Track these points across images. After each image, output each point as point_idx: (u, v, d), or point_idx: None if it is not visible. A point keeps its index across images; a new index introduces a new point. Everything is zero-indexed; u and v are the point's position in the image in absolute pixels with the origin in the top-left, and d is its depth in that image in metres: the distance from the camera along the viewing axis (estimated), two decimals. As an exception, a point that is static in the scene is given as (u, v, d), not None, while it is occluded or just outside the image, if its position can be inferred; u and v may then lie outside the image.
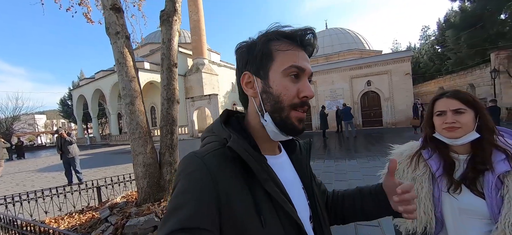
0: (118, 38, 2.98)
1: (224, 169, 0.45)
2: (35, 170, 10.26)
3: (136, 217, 2.62)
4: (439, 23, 26.45)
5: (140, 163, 3.00)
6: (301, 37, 0.50)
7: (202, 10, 24.78)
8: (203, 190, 0.42)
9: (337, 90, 15.74)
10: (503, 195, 0.76)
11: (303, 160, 0.62)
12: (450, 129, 0.84)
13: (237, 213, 0.43)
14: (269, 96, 0.50)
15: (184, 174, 0.45)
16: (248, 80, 0.53)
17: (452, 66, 20.81)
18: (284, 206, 0.46)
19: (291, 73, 0.49)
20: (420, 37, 35.96)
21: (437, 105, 0.91)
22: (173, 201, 0.43)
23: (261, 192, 0.46)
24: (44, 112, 49.55)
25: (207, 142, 0.53)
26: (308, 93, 0.49)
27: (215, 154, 0.47)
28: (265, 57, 0.50)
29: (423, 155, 0.95)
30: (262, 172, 0.46)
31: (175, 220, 0.39)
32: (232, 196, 0.43)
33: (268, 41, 0.50)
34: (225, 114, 0.58)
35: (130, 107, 2.99)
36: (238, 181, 0.45)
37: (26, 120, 31.10)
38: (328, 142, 10.24)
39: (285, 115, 0.49)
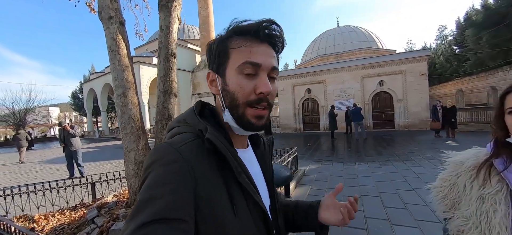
0: (111, 23, 2.73)
1: (201, 160, 0.45)
2: (42, 161, 10.39)
3: (123, 220, 2.38)
4: (458, 22, 25.12)
5: (131, 161, 2.76)
6: (256, 30, 0.48)
7: (212, 5, 24.59)
8: (180, 181, 0.41)
9: (348, 89, 15.13)
10: None
11: (266, 156, 0.64)
12: None
13: (212, 203, 0.43)
14: (227, 93, 0.50)
15: (159, 164, 0.43)
16: (212, 78, 0.54)
17: (471, 67, 19.67)
18: (254, 197, 0.49)
19: (245, 70, 0.48)
20: (436, 37, 34.38)
21: (508, 101, 0.71)
22: (146, 192, 0.40)
23: (234, 183, 0.47)
24: (57, 105, 51.23)
25: (178, 133, 0.51)
26: (264, 89, 0.48)
27: (191, 145, 0.46)
28: (222, 55, 0.50)
29: (496, 165, 0.72)
30: (237, 165, 0.48)
31: (150, 211, 0.37)
32: (208, 187, 0.44)
33: (225, 39, 0.50)
34: (200, 105, 0.57)
35: (122, 99, 2.74)
36: (213, 173, 0.46)
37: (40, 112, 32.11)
38: (337, 144, 9.79)
39: (241, 112, 0.49)
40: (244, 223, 0.46)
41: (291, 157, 4.86)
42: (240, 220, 0.45)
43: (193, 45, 26.67)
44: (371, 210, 3.19)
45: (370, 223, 2.86)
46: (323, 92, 15.77)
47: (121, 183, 4.10)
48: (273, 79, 0.51)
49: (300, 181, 4.78)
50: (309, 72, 16.34)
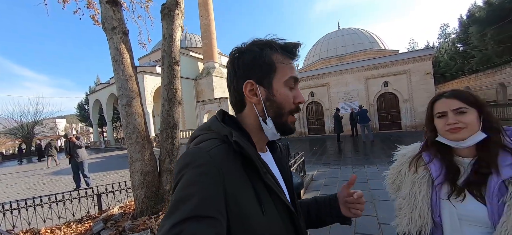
0: (115, 33, 2.74)
1: (228, 163, 0.48)
2: (49, 173, 10.46)
3: (129, 233, 2.32)
4: (460, 19, 24.87)
5: (137, 171, 2.71)
6: (295, 50, 0.57)
7: (213, 14, 24.94)
8: (211, 182, 0.44)
9: (352, 91, 14.99)
10: (505, 202, 0.72)
11: (283, 159, 0.68)
12: (454, 130, 0.80)
13: (242, 203, 0.46)
14: (272, 103, 0.55)
15: (191, 167, 0.46)
16: (251, 88, 0.56)
17: (477, 64, 19.33)
18: (280, 195, 0.51)
19: (290, 83, 0.56)
20: (439, 36, 34.01)
21: (436, 107, 0.87)
22: (180, 193, 0.43)
23: (260, 184, 0.50)
24: (64, 117, 52.09)
25: (205, 139, 0.53)
26: (301, 99, 0.57)
27: (219, 149, 0.49)
28: (268, 68, 0.55)
29: (423, 158, 0.92)
30: (262, 166, 0.50)
31: (183, 210, 0.40)
32: (237, 188, 0.46)
33: (272, 53, 0.55)
34: (222, 113, 0.61)
35: (127, 108, 2.72)
36: (240, 174, 0.49)
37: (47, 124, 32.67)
38: (343, 147, 9.62)
39: (285, 119, 0.55)
40: (272, 221, 0.49)
41: (298, 162, 4.76)
42: (268, 218, 0.48)
43: (195, 53, 26.96)
44: (384, 216, 3.06)
45: (385, 230, 2.73)
46: (327, 95, 15.65)
47: (127, 193, 4.05)
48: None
49: (309, 187, 4.67)
50: (312, 76, 16.28)
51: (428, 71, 13.18)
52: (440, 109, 0.84)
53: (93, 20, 5.10)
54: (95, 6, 5.01)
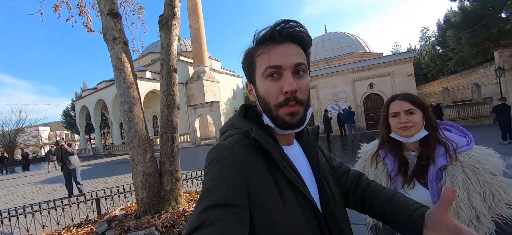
0: (116, 43, 2.90)
1: (250, 157, 0.50)
2: (37, 182, 10.15)
3: (134, 231, 2.48)
4: (439, 23, 26.41)
5: (139, 173, 2.87)
6: (271, 34, 0.52)
7: (202, 18, 25.06)
8: (233, 175, 0.47)
9: (339, 93, 15.59)
10: (441, 186, 0.84)
11: (309, 143, 0.65)
12: (405, 128, 0.93)
13: (262, 196, 0.47)
14: (260, 99, 0.55)
15: (215, 162, 0.49)
16: (249, 88, 0.59)
17: (454, 66, 20.62)
18: (300, 189, 0.51)
19: (269, 74, 0.51)
20: (420, 39, 35.89)
21: (391, 107, 0.99)
22: (206, 186, 0.47)
23: (281, 177, 0.51)
24: (47, 124, 49.92)
25: (229, 135, 0.57)
26: (288, 88, 0.49)
27: (241, 144, 0.52)
28: (250, 66, 0.56)
29: (380, 154, 1.04)
30: (282, 160, 0.51)
31: (210, 199, 0.43)
32: (258, 181, 0.48)
33: (251, 51, 0.55)
34: (243, 108, 0.63)
35: (129, 114, 2.88)
36: (262, 168, 0.50)
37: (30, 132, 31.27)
38: (333, 147, 10.04)
39: (274, 114, 0.52)
40: (293, 214, 0.49)
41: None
42: (289, 210, 0.48)
43: (186, 57, 26.89)
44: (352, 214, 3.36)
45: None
46: (316, 97, 16.17)
47: (125, 197, 4.14)
48: (300, 74, 0.52)
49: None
50: (301, 78, 16.73)
51: (409, 73, 13.99)
52: (394, 109, 0.98)
53: (86, 28, 5.19)
54: (87, 14, 5.11)
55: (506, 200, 0.79)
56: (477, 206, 0.80)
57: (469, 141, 0.90)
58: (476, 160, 0.84)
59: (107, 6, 2.88)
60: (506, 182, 0.82)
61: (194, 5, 24.34)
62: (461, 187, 0.82)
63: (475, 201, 0.80)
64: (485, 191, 0.81)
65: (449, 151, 0.87)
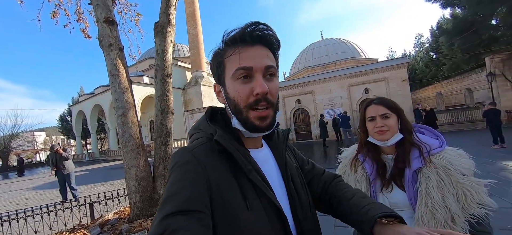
0: (111, 50, 2.98)
1: (211, 160, 0.50)
2: (31, 188, 10.04)
3: (127, 234, 2.50)
4: (432, 30, 27.00)
5: (132, 177, 2.90)
6: (242, 36, 0.51)
7: (200, 24, 25.33)
8: (195, 178, 0.46)
9: (335, 98, 15.76)
10: (418, 188, 0.86)
11: (279, 146, 0.64)
12: (381, 132, 0.95)
13: (226, 199, 0.47)
14: (229, 101, 0.54)
15: (177, 166, 0.48)
16: (218, 89, 0.58)
17: (448, 71, 21.01)
18: (265, 192, 0.50)
19: (239, 76, 0.51)
20: (415, 45, 36.63)
21: (368, 112, 1.01)
22: (168, 190, 0.46)
23: (246, 180, 0.50)
24: (43, 129, 49.45)
25: (195, 139, 0.57)
26: (259, 90, 0.49)
27: (204, 147, 0.51)
28: (219, 67, 0.54)
29: (359, 158, 1.05)
30: (246, 163, 0.50)
31: (171, 205, 0.42)
32: (221, 184, 0.47)
33: (220, 51, 0.54)
34: (210, 111, 0.62)
35: (123, 119, 2.94)
36: (225, 171, 0.49)
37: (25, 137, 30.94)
38: (328, 151, 10.12)
39: (244, 115, 0.51)
40: (258, 218, 0.48)
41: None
42: (253, 214, 0.47)
43: (183, 63, 27.06)
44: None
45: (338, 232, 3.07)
46: (313, 102, 16.32)
47: (119, 202, 4.15)
48: (271, 77, 0.52)
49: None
50: (297, 84, 16.96)
51: (404, 78, 14.23)
52: (370, 114, 0.99)
53: (83, 34, 5.26)
54: (85, 20, 5.19)
55: (478, 199, 0.81)
56: (451, 207, 0.81)
57: (441, 143, 0.92)
58: (448, 161, 0.86)
59: (104, 13, 2.96)
60: (477, 182, 0.84)
61: (192, 11, 24.63)
62: (435, 189, 0.84)
63: (449, 201, 0.81)
64: (458, 192, 0.83)
65: (423, 153, 0.89)
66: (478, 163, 0.91)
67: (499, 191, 3.53)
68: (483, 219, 0.81)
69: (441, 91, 16.99)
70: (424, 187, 0.86)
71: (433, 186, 0.84)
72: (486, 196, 0.83)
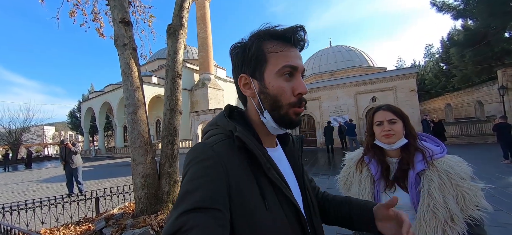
0: (125, 49, 3.08)
1: (232, 157, 0.48)
2: (38, 181, 10.29)
3: (131, 229, 2.55)
4: (442, 41, 26.63)
5: (139, 173, 2.96)
6: (293, 35, 0.52)
7: (210, 28, 25.75)
8: (215, 176, 0.45)
9: (342, 106, 15.65)
10: (420, 189, 0.92)
11: (295, 152, 0.65)
12: (387, 135, 1.01)
13: (245, 198, 0.46)
14: (266, 96, 0.53)
15: (196, 161, 0.47)
16: (245, 81, 0.56)
17: (458, 83, 20.60)
18: (284, 192, 0.50)
19: (285, 72, 0.52)
20: (425, 55, 36.21)
21: (376, 117, 1.08)
22: (185, 186, 0.45)
23: (265, 179, 0.50)
24: (53, 124, 50.80)
25: (212, 135, 0.55)
26: (302, 90, 0.52)
27: (224, 144, 0.50)
28: (259, 59, 0.53)
29: (365, 160, 1.12)
30: (265, 162, 0.50)
31: (189, 202, 0.41)
32: (240, 182, 0.47)
33: (261, 43, 0.53)
34: (228, 108, 0.61)
35: (133, 116, 3.01)
36: (244, 169, 0.49)
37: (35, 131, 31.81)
38: (333, 158, 10.01)
39: (284, 112, 0.52)
40: (276, 217, 0.48)
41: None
42: (271, 213, 0.47)
43: (192, 64, 27.45)
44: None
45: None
46: (319, 109, 16.25)
47: (124, 197, 4.22)
48: (303, 79, 0.56)
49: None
50: (304, 89, 16.89)
51: (412, 88, 14.03)
52: (378, 118, 1.07)
53: (98, 33, 5.45)
54: (101, 20, 5.38)
55: (475, 202, 0.87)
56: (451, 207, 0.87)
57: (442, 150, 0.99)
58: (449, 166, 0.93)
59: (120, 14, 3.08)
60: (474, 186, 0.90)
61: (203, 15, 25.10)
62: (437, 190, 0.90)
63: (450, 202, 0.88)
64: (458, 194, 0.89)
65: (426, 157, 0.96)
66: (488, 177, 0.92)
67: (508, 207, 3.42)
68: (480, 221, 0.87)
69: (450, 103, 16.65)
70: (426, 188, 0.92)
71: (435, 187, 0.90)
72: (483, 199, 0.88)
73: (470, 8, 14.83)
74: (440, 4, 15.95)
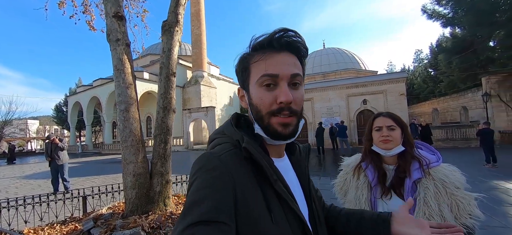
0: (118, 45, 2.99)
1: (239, 168, 0.47)
2: (21, 177, 9.86)
3: (121, 230, 2.48)
4: (431, 47, 27.54)
5: (130, 172, 2.89)
6: (270, 42, 0.50)
7: (204, 24, 25.46)
8: (222, 187, 0.44)
9: (334, 107, 15.90)
10: (416, 197, 0.94)
11: (301, 162, 0.64)
12: (385, 141, 1.03)
13: (251, 210, 0.45)
14: (252, 107, 0.52)
15: (203, 171, 0.46)
16: (241, 94, 0.57)
17: (445, 88, 21.41)
18: (290, 204, 0.49)
19: (264, 82, 0.50)
20: (414, 60, 37.30)
21: (376, 122, 1.10)
22: (192, 196, 0.44)
23: (271, 191, 0.48)
24: (37, 118, 48.74)
25: (218, 143, 0.54)
26: (283, 99, 0.48)
27: (231, 154, 0.49)
28: (245, 72, 0.53)
29: (362, 166, 1.12)
30: (272, 173, 0.48)
31: (194, 214, 0.40)
32: (247, 194, 0.45)
33: (247, 56, 0.53)
34: (236, 117, 0.59)
35: (125, 114, 2.93)
36: (251, 181, 0.47)
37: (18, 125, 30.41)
38: (324, 159, 10.16)
39: (266, 122, 0.50)
40: (282, 230, 0.47)
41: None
42: (277, 227, 0.46)
43: (185, 61, 27.06)
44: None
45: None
46: (311, 110, 16.42)
47: (113, 197, 4.10)
48: (296, 85, 0.51)
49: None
50: (297, 90, 17.02)
51: (402, 92, 14.43)
52: (378, 124, 1.08)
53: (88, 26, 5.26)
54: (91, 12, 5.20)
55: (468, 211, 0.90)
56: (446, 215, 0.90)
57: (437, 158, 1.01)
58: (444, 174, 0.96)
59: (113, 8, 2.98)
60: (468, 195, 0.93)
61: (197, 11, 24.77)
62: (433, 198, 0.92)
63: (444, 211, 0.90)
64: (452, 203, 0.92)
65: (423, 166, 0.97)
66: (472, 181, 0.97)
67: (489, 210, 3.59)
68: (472, 229, 0.90)
69: (437, 107, 17.26)
70: (422, 196, 0.94)
71: (431, 196, 0.92)
72: (476, 208, 0.91)
73: (459, 17, 15.39)
74: (431, 12, 16.48)
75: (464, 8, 14.50)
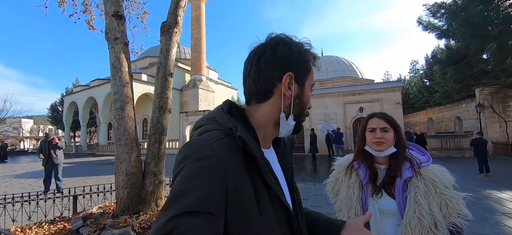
0: (116, 43, 3.00)
1: (231, 158, 0.46)
2: (11, 176, 9.65)
3: (110, 229, 2.44)
4: (427, 58, 28.11)
5: (122, 171, 2.86)
6: (314, 60, 0.60)
7: (204, 29, 25.66)
8: (211, 177, 0.42)
9: (331, 114, 16.00)
10: (407, 196, 0.96)
11: (286, 154, 0.66)
12: (378, 143, 1.05)
13: (241, 201, 0.44)
14: (300, 102, 0.56)
15: (191, 159, 0.44)
16: (290, 80, 0.55)
17: (439, 98, 21.74)
18: (279, 196, 0.50)
19: (312, 87, 0.60)
20: (410, 70, 37.97)
21: (370, 123, 1.11)
22: (179, 186, 0.42)
23: (260, 182, 0.48)
24: (31, 117, 47.99)
25: (207, 130, 0.52)
26: (310, 106, 0.61)
27: (223, 142, 0.47)
28: (305, 67, 0.56)
29: (354, 165, 1.14)
30: (263, 165, 0.48)
31: (182, 204, 0.39)
32: (239, 185, 0.45)
33: (309, 54, 0.58)
34: (228, 104, 0.58)
35: (120, 112, 2.92)
36: (242, 171, 0.47)
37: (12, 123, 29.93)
38: (319, 166, 10.15)
39: (302, 119, 0.58)
40: (269, 222, 0.46)
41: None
42: (265, 218, 0.46)
43: (183, 64, 27.12)
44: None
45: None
46: (308, 116, 16.45)
47: (105, 197, 4.04)
48: None
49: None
50: (295, 96, 17.12)
51: (397, 101, 14.62)
52: (372, 125, 1.10)
53: (88, 26, 5.27)
54: (92, 12, 5.22)
55: (457, 210, 0.93)
56: (435, 214, 0.92)
57: (427, 159, 1.04)
58: (434, 174, 0.98)
59: (113, 7, 3.00)
60: (456, 194, 0.95)
61: (198, 16, 25.00)
62: (423, 197, 0.94)
63: (434, 209, 0.92)
64: (441, 202, 0.94)
65: (414, 166, 0.99)
66: (465, 190, 1.00)
67: (482, 218, 3.62)
68: (460, 228, 0.92)
69: (432, 117, 17.50)
70: (413, 195, 0.95)
71: (421, 194, 0.94)
72: (464, 207, 0.93)
73: (453, 29, 15.76)
74: (426, 24, 16.84)
75: (458, 20, 14.85)
